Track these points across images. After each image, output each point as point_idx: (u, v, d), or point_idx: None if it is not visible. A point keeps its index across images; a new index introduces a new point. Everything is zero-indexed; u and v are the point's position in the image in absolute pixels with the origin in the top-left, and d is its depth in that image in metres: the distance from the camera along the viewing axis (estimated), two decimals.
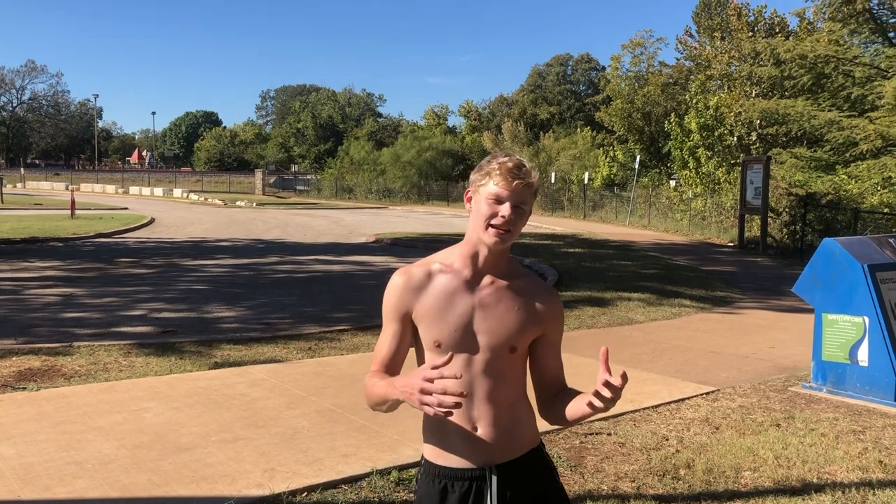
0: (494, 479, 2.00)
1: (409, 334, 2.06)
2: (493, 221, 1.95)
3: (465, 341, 1.99)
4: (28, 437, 4.86)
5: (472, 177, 2.02)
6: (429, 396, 1.73)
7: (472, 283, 2.02)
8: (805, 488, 4.36)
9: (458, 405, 1.71)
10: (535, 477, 2.06)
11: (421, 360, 2.07)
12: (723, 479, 4.48)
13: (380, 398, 1.96)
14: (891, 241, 7.00)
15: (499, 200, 1.95)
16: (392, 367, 2.07)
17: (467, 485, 2.00)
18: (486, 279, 2.03)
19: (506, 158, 1.98)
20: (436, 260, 2.07)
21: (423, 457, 2.11)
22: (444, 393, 1.72)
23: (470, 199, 2.03)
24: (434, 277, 2.03)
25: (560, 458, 4.74)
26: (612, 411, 5.68)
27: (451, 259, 2.05)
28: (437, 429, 2.04)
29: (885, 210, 19.49)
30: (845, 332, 6.33)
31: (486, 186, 1.97)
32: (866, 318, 6.20)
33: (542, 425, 2.12)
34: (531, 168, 2.00)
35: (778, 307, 11.17)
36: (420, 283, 2.03)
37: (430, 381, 1.75)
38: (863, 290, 6.22)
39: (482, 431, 2.00)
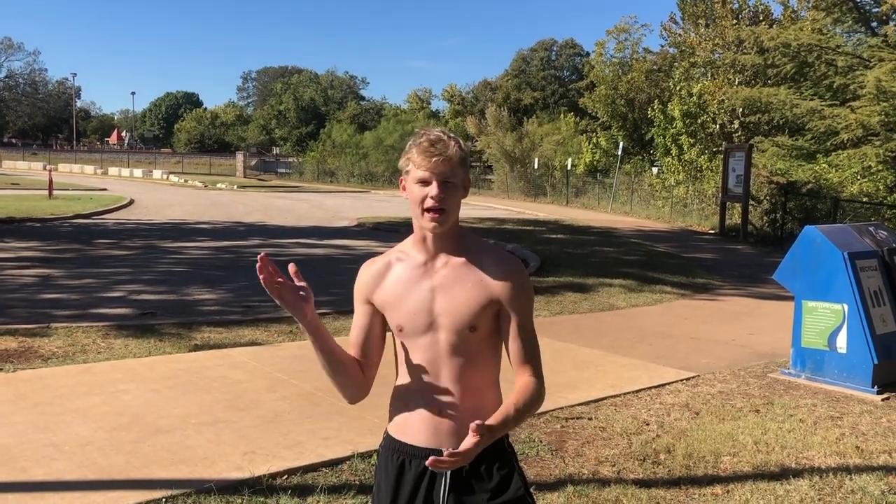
0: None
1: (374, 321, 2.11)
2: (425, 205, 1.94)
3: (425, 324, 2.01)
4: (4, 419, 4.80)
5: (400, 164, 2.00)
6: None
7: (427, 267, 2.03)
8: (783, 473, 4.41)
9: None
10: (491, 463, 2.04)
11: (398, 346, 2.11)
12: (702, 463, 4.52)
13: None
14: (870, 229, 7.07)
15: (425, 182, 1.94)
16: (360, 351, 2.13)
17: (423, 463, 1.99)
18: (441, 260, 2.03)
19: (422, 138, 1.95)
20: (397, 249, 2.11)
21: (386, 430, 2.13)
22: None
23: (405, 188, 2.01)
24: (392, 266, 2.08)
25: (541, 442, 4.76)
26: (594, 396, 5.74)
27: (407, 246, 2.08)
28: (402, 404, 2.07)
29: (865, 199, 19.68)
30: (824, 319, 6.38)
31: (412, 171, 1.96)
32: (845, 306, 6.26)
33: None
34: (448, 140, 1.95)
35: (758, 294, 11.26)
36: (379, 273, 2.08)
37: None
38: (842, 277, 6.27)
39: (444, 414, 2.01)
